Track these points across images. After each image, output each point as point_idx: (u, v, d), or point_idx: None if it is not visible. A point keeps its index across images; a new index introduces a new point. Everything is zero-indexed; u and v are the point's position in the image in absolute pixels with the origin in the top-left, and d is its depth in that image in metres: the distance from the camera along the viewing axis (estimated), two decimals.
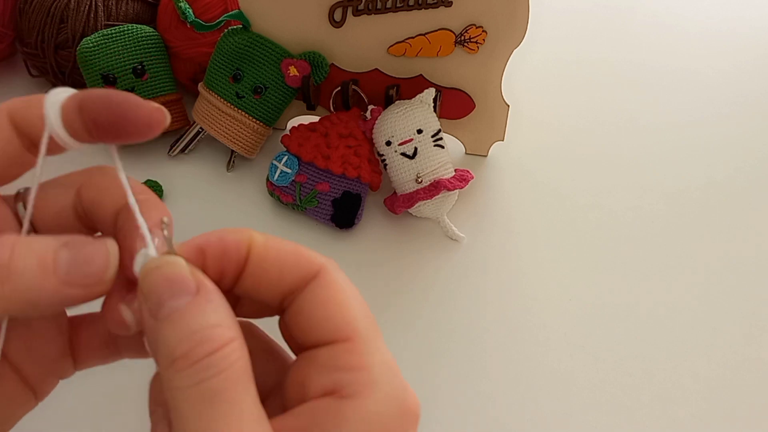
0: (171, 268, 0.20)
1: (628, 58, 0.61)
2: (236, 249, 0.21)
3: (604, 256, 0.47)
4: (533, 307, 0.44)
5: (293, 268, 0.21)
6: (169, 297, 0.19)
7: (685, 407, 0.40)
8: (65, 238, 0.20)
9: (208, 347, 0.18)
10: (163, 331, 0.19)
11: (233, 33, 0.47)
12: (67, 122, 0.21)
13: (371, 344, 0.20)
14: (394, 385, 0.20)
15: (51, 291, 0.19)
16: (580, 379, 0.41)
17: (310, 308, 0.21)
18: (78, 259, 0.20)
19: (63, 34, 0.51)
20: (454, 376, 0.41)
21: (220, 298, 0.20)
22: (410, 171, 0.46)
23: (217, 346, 0.18)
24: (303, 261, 0.21)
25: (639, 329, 0.43)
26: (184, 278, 0.19)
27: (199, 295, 0.19)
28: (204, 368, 0.18)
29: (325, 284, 0.21)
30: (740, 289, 0.45)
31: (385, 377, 0.20)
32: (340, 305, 0.21)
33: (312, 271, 0.21)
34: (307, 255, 0.22)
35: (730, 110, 0.57)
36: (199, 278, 0.20)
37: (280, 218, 0.49)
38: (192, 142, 0.52)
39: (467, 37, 0.45)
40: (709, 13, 0.66)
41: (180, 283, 0.19)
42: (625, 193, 0.51)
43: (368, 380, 0.20)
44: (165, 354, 0.19)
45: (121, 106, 0.21)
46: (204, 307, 0.19)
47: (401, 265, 0.46)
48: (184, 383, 0.18)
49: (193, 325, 0.19)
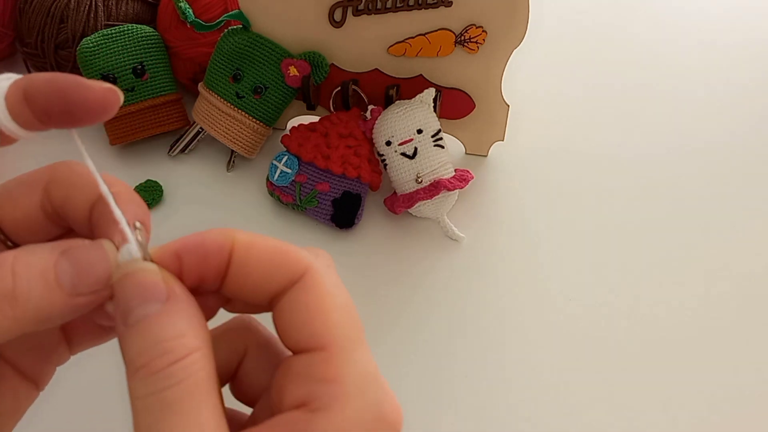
0: (142, 275, 0.19)
1: (628, 58, 0.61)
2: (217, 251, 0.20)
3: (604, 256, 0.47)
4: (533, 307, 0.44)
5: (278, 269, 0.20)
6: (138, 304, 0.19)
7: (685, 407, 0.40)
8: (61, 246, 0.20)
9: (168, 358, 0.18)
10: (129, 339, 0.19)
11: (233, 33, 0.47)
12: (15, 113, 0.20)
13: (348, 354, 0.19)
14: (368, 399, 0.19)
15: (60, 306, 0.19)
16: (580, 379, 0.41)
17: (291, 312, 0.20)
18: (80, 269, 0.19)
19: (63, 34, 0.51)
20: (453, 376, 0.41)
21: (190, 306, 0.20)
22: (410, 171, 0.46)
23: (179, 357, 0.18)
24: (288, 262, 0.20)
25: (639, 329, 0.43)
26: (154, 285, 0.19)
27: (168, 303, 0.19)
28: (162, 378, 0.18)
29: (307, 288, 0.20)
30: (742, 288, 0.45)
31: (359, 390, 0.19)
32: (319, 311, 0.20)
33: (297, 272, 0.20)
34: (294, 255, 0.20)
35: (733, 108, 0.57)
36: (170, 285, 0.19)
37: (280, 218, 0.49)
38: (192, 142, 0.52)
39: (467, 37, 0.45)
40: (709, 13, 0.66)
41: (149, 290, 0.19)
42: (625, 192, 0.51)
43: (340, 393, 0.19)
44: (129, 362, 0.19)
45: (70, 92, 0.20)
46: (171, 316, 0.19)
47: (401, 265, 0.46)
48: (142, 392, 0.18)
49: (157, 335, 0.18)
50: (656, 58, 0.61)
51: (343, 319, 0.20)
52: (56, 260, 0.19)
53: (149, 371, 0.18)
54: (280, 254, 0.20)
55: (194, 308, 0.20)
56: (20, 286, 0.19)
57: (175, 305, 0.19)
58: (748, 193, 0.51)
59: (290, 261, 0.20)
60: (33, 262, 0.19)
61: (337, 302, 0.20)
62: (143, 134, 0.51)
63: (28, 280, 0.19)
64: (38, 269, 0.19)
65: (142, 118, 0.50)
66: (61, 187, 0.22)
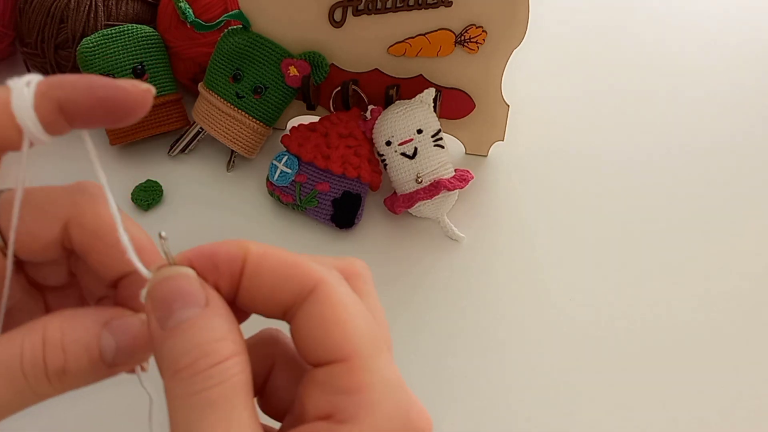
0: (183, 280, 0.20)
1: (628, 58, 0.61)
2: (228, 262, 0.20)
3: (604, 256, 0.47)
4: (533, 307, 0.44)
5: (289, 282, 0.20)
6: (179, 308, 0.19)
7: (685, 407, 0.40)
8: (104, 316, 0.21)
9: (211, 360, 0.18)
10: (170, 341, 0.19)
11: (233, 33, 0.47)
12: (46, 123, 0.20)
13: (371, 363, 0.19)
14: (395, 406, 0.19)
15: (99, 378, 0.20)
16: (580, 379, 0.41)
17: (308, 326, 0.20)
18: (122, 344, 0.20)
19: (63, 34, 0.51)
20: (453, 376, 0.41)
21: (228, 312, 0.20)
22: (410, 171, 0.46)
23: (220, 359, 0.19)
24: (299, 275, 0.20)
25: (639, 329, 0.43)
26: (194, 290, 0.19)
27: (208, 308, 0.19)
28: (204, 378, 0.18)
29: (321, 300, 0.20)
30: (742, 289, 0.45)
31: (385, 398, 0.19)
32: (336, 323, 0.20)
33: (309, 285, 0.20)
34: (305, 268, 0.20)
35: (733, 109, 0.57)
36: (209, 291, 0.20)
37: (280, 218, 0.49)
38: (192, 142, 0.52)
39: (467, 37, 0.45)
40: (710, 13, 0.66)
41: (190, 295, 0.19)
42: (625, 192, 0.51)
43: (366, 402, 0.19)
44: (169, 363, 0.19)
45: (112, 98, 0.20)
46: (211, 320, 0.19)
47: (401, 265, 0.46)
48: (184, 392, 0.18)
49: (199, 337, 0.19)
50: (656, 59, 0.61)
51: (360, 329, 0.20)
52: (100, 333, 0.20)
53: (192, 372, 0.18)
54: (292, 266, 0.20)
55: (230, 315, 0.20)
56: (70, 365, 0.20)
57: (213, 310, 0.19)
58: (748, 193, 0.51)
59: (301, 273, 0.20)
60: (80, 337, 0.20)
61: (351, 312, 0.20)
62: (143, 134, 0.51)
63: (76, 357, 0.20)
64: (84, 344, 0.20)
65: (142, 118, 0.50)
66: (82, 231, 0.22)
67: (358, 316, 0.20)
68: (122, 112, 0.20)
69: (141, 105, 0.21)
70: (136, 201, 0.49)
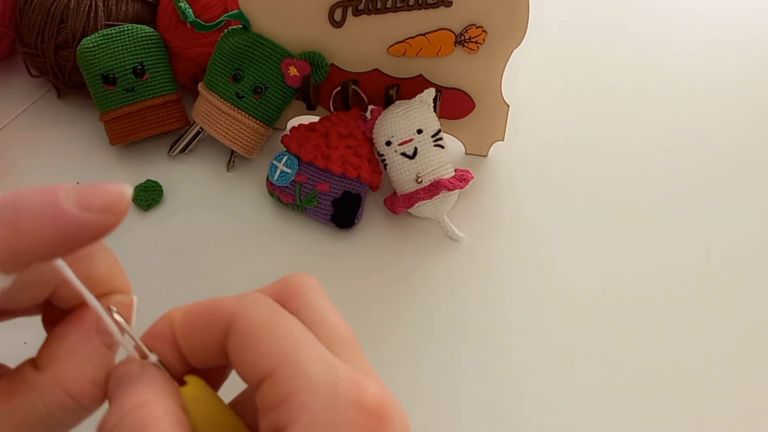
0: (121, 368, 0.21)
1: (628, 57, 0.61)
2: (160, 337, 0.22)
3: (605, 256, 0.47)
4: (533, 307, 0.44)
5: (209, 328, 0.21)
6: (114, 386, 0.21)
7: (685, 408, 0.40)
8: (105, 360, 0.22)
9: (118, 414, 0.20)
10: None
11: (233, 33, 0.47)
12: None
13: (293, 368, 0.19)
14: (326, 398, 0.19)
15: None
16: (581, 379, 0.41)
17: (234, 360, 0.21)
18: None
19: (63, 34, 0.51)
20: (453, 376, 0.41)
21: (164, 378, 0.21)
22: (410, 171, 0.46)
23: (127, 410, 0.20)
24: (214, 316, 0.21)
25: (640, 329, 0.43)
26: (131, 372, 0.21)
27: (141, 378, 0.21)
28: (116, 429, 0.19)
29: (237, 331, 0.20)
30: (745, 286, 0.45)
31: (315, 394, 0.19)
32: (251, 345, 0.20)
33: (224, 322, 0.21)
34: (218, 307, 0.21)
35: (733, 106, 0.57)
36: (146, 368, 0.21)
37: (280, 218, 0.49)
38: (192, 142, 0.52)
39: (467, 37, 0.45)
40: (709, 12, 0.66)
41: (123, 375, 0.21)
42: (626, 192, 0.51)
43: (296, 407, 0.19)
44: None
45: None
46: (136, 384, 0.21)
47: (401, 265, 0.46)
48: None
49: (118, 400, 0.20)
50: (656, 58, 0.61)
51: (277, 340, 0.20)
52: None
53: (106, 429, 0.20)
54: (207, 312, 0.21)
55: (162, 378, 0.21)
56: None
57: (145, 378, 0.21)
58: (750, 191, 0.51)
59: (216, 314, 0.21)
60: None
61: (265, 328, 0.20)
62: (143, 134, 0.51)
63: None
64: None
65: (142, 118, 0.50)
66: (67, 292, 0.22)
67: (274, 331, 0.20)
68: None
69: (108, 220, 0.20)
70: (136, 201, 0.49)
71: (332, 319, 0.22)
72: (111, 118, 0.50)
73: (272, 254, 0.47)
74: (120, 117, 0.50)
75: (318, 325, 0.22)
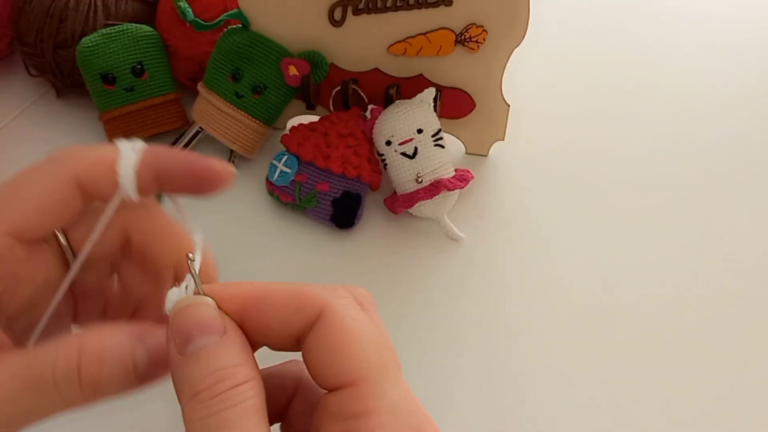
0: (202, 309, 0.21)
1: (629, 57, 0.61)
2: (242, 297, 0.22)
3: (606, 256, 0.47)
4: (533, 308, 0.44)
5: (294, 313, 0.21)
6: (198, 336, 0.20)
7: (685, 408, 0.40)
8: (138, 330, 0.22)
9: (228, 383, 0.19)
10: (188, 367, 0.20)
11: (232, 32, 0.47)
12: (142, 188, 0.23)
13: (378, 386, 0.20)
14: (404, 427, 0.19)
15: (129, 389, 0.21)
16: (580, 379, 0.41)
17: (315, 354, 0.21)
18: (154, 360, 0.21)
19: (62, 34, 0.51)
20: (453, 376, 0.41)
21: (243, 341, 0.21)
22: (410, 171, 0.46)
23: (236, 383, 0.19)
24: (303, 303, 0.21)
25: (641, 329, 0.43)
26: (213, 319, 0.21)
27: (226, 336, 0.20)
28: (221, 401, 0.19)
29: (326, 327, 0.20)
30: (744, 287, 0.45)
31: (393, 420, 0.19)
32: (342, 348, 0.20)
33: (314, 313, 0.21)
34: (308, 296, 0.21)
35: (734, 106, 0.57)
36: (227, 321, 0.21)
37: (280, 218, 0.49)
38: (191, 142, 0.52)
39: (468, 36, 0.45)
40: (710, 11, 0.66)
41: (209, 323, 0.20)
42: (627, 193, 0.51)
43: (375, 425, 0.19)
44: (187, 387, 0.20)
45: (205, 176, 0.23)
46: (228, 348, 0.20)
47: (401, 265, 0.46)
48: (201, 414, 0.19)
49: (217, 363, 0.20)
50: (657, 57, 0.61)
51: (367, 352, 0.20)
52: (134, 347, 0.21)
53: (209, 395, 0.19)
54: (296, 296, 0.21)
55: (246, 343, 0.21)
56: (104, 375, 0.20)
57: (230, 339, 0.21)
58: (751, 190, 0.51)
59: (307, 301, 0.21)
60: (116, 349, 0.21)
61: (358, 336, 0.20)
62: (142, 134, 0.50)
63: (111, 369, 0.21)
64: (119, 356, 0.21)
65: (141, 117, 0.50)
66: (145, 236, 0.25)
67: (365, 340, 0.20)
68: (207, 185, 0.23)
69: (224, 183, 0.24)
70: None
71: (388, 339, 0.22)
72: (110, 117, 0.50)
73: (272, 254, 0.47)
74: (119, 116, 0.50)
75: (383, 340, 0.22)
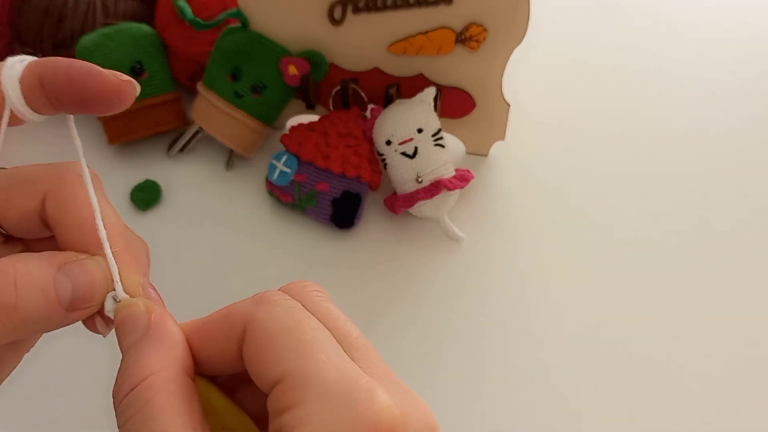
0: (127, 310, 0.21)
1: (630, 58, 0.61)
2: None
3: (604, 257, 0.47)
4: (533, 308, 0.44)
5: (225, 338, 0.21)
6: (122, 337, 0.21)
7: (686, 408, 0.40)
8: (58, 260, 0.21)
9: (127, 385, 0.19)
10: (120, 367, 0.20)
11: (232, 31, 0.47)
12: (29, 97, 0.21)
13: (301, 375, 0.19)
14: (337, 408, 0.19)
15: (57, 320, 0.21)
16: (580, 380, 0.41)
17: (249, 366, 0.20)
18: (78, 287, 0.21)
19: (61, 33, 0.50)
20: (453, 377, 0.41)
21: (171, 335, 0.21)
22: (410, 170, 0.46)
23: (134, 383, 0.19)
24: (230, 324, 0.21)
25: (640, 329, 0.43)
26: (135, 318, 0.21)
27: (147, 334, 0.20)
28: (125, 408, 0.19)
29: (249, 339, 0.20)
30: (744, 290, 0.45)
31: (323, 403, 0.19)
32: (262, 353, 0.20)
33: (240, 330, 0.21)
34: (233, 315, 0.21)
35: (735, 105, 0.57)
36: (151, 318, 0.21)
37: (280, 218, 0.49)
38: (191, 142, 0.51)
39: (468, 35, 0.45)
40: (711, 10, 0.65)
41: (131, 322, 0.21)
42: (626, 193, 0.50)
43: (303, 415, 0.19)
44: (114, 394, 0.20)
45: (86, 81, 0.21)
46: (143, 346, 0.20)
47: (401, 265, 0.46)
48: (119, 422, 0.19)
49: (127, 363, 0.20)
50: (658, 57, 0.61)
51: (283, 346, 0.20)
52: (55, 276, 0.20)
53: (117, 400, 0.19)
54: (225, 320, 0.21)
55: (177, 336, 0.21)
56: (23, 302, 0.20)
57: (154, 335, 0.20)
58: (752, 190, 0.51)
59: (232, 323, 0.21)
60: (34, 276, 0.20)
61: (275, 334, 0.20)
62: (141, 134, 0.50)
63: (31, 295, 0.20)
64: (39, 284, 0.20)
65: (140, 117, 0.50)
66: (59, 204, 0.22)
67: (282, 336, 0.20)
68: (98, 98, 0.21)
69: (118, 95, 0.21)
70: (135, 201, 0.49)
71: (342, 324, 0.22)
72: (109, 117, 0.50)
73: (271, 254, 0.47)
74: (118, 116, 0.49)
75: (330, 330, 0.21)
